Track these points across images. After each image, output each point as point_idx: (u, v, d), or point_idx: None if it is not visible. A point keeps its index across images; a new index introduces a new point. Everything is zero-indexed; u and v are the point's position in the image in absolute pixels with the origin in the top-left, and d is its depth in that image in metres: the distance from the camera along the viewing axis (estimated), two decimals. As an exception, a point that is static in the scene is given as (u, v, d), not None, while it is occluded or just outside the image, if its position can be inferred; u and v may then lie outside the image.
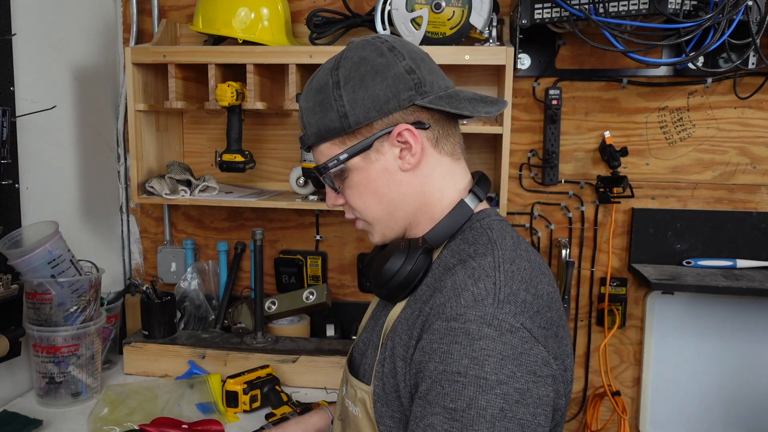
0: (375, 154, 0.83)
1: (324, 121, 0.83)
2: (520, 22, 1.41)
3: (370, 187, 0.85)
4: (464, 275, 0.75)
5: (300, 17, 1.68)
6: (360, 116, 0.81)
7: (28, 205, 1.45)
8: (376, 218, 0.88)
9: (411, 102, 0.81)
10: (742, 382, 1.65)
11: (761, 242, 1.59)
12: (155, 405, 1.38)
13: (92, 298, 1.43)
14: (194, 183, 1.61)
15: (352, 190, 0.86)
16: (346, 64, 0.82)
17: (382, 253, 0.87)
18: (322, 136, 0.84)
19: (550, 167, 1.64)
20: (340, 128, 0.82)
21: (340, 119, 0.82)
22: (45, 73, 1.51)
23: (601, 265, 1.68)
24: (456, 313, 0.71)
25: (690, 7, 1.28)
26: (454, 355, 0.68)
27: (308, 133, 0.86)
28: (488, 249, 0.79)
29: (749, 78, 1.55)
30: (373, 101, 0.80)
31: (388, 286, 0.83)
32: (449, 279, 0.76)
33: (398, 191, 0.84)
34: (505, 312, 0.70)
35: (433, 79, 0.83)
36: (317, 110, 0.84)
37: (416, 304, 0.81)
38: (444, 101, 0.82)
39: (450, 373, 0.68)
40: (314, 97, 0.84)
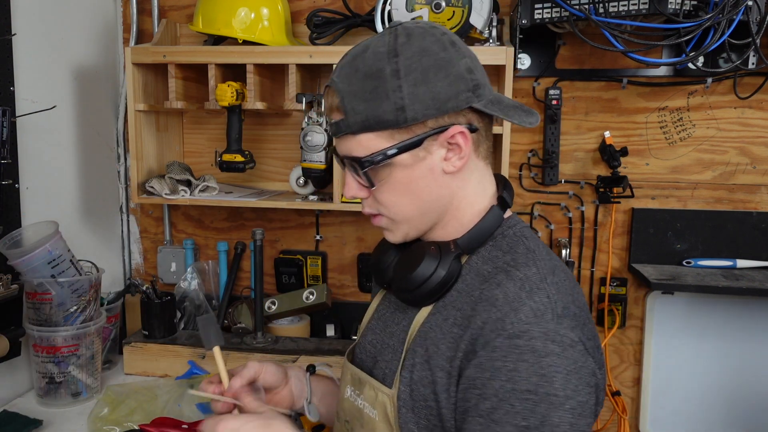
0: (423, 153, 0.78)
1: (376, 110, 0.76)
2: (520, 22, 1.41)
3: (410, 186, 0.81)
4: (515, 287, 0.74)
5: (300, 17, 1.68)
6: (418, 112, 0.76)
7: (28, 205, 1.45)
8: (406, 217, 0.83)
9: (468, 104, 0.78)
10: (742, 382, 1.65)
11: (761, 242, 1.59)
12: (155, 405, 1.38)
13: (92, 298, 1.43)
14: (194, 183, 1.61)
15: (389, 186, 0.81)
16: (406, 52, 0.76)
17: (407, 256, 0.84)
18: (370, 125, 0.77)
19: (550, 167, 1.64)
20: (393, 121, 0.76)
21: (395, 112, 0.76)
22: (45, 73, 1.51)
23: (601, 265, 1.68)
24: (519, 330, 0.70)
25: (690, 7, 1.28)
26: (522, 374, 0.68)
27: (351, 120, 0.78)
28: (529, 259, 0.78)
29: (749, 78, 1.55)
30: (434, 99, 0.76)
31: (419, 292, 0.80)
32: (497, 291, 0.74)
33: (436, 193, 0.81)
34: (564, 327, 0.71)
35: (485, 82, 0.81)
36: (367, 97, 0.76)
37: (447, 311, 0.79)
38: (495, 107, 0.80)
39: (519, 391, 0.68)
40: (363, 83, 0.77)
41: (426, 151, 0.79)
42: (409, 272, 0.81)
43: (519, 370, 0.68)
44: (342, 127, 0.79)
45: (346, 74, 0.78)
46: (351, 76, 0.78)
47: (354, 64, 0.78)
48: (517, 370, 0.69)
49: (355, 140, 0.79)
